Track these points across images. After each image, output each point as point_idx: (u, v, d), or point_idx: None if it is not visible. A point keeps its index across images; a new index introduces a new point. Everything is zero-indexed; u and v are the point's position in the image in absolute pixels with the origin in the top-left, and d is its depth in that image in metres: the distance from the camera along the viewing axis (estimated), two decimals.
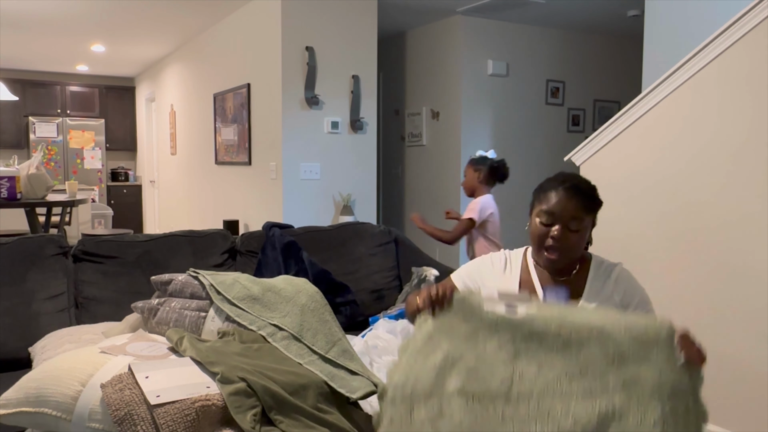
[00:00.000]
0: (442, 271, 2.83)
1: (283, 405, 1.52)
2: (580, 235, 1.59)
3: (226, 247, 2.74)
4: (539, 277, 1.68)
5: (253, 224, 5.32)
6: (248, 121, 5.29)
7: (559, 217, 1.58)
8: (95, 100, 9.40)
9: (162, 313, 1.95)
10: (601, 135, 3.11)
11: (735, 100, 2.55)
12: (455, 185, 5.81)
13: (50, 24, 6.12)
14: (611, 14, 5.62)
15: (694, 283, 2.72)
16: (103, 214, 7.33)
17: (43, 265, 2.39)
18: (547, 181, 1.66)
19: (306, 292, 2.02)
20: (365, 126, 5.03)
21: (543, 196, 1.63)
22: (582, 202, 1.59)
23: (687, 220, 2.75)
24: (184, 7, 5.49)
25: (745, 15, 2.47)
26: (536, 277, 1.68)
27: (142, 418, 1.40)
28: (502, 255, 1.78)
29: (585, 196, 1.61)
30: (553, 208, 1.58)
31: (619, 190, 3.05)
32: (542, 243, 1.60)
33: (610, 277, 1.64)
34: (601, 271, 1.66)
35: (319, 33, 4.79)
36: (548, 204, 1.60)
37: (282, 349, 1.80)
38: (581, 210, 1.58)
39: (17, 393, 1.52)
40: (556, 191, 1.60)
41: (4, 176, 4.53)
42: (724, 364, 2.58)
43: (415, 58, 6.31)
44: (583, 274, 1.66)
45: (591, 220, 1.63)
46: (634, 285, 1.63)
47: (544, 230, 1.60)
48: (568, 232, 1.58)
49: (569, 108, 6.39)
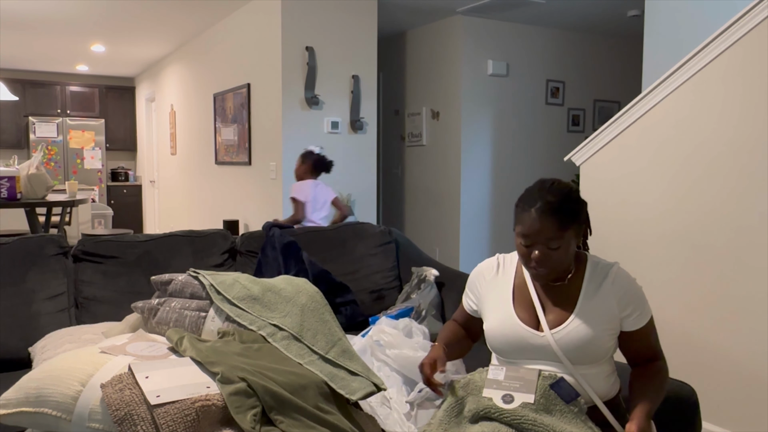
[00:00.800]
0: (442, 271, 2.83)
1: (284, 405, 1.52)
2: (563, 251, 1.56)
3: (226, 247, 2.74)
4: (534, 282, 1.68)
5: (253, 224, 5.32)
6: (248, 121, 5.29)
7: (536, 240, 1.55)
8: (95, 100, 9.40)
9: (162, 313, 1.95)
10: (601, 135, 3.11)
11: (735, 99, 2.55)
12: (455, 185, 5.81)
13: (50, 24, 6.12)
14: (611, 14, 5.62)
15: (693, 282, 2.72)
16: (103, 214, 7.33)
17: (43, 265, 2.39)
18: (522, 198, 1.62)
19: (306, 292, 2.02)
20: (365, 126, 5.03)
21: (519, 217, 1.60)
22: (557, 220, 1.54)
23: (686, 219, 2.75)
24: (184, 7, 5.49)
25: (745, 15, 2.47)
26: (530, 281, 1.68)
27: (142, 418, 1.40)
28: (495, 260, 1.78)
29: (560, 213, 1.55)
30: (528, 231, 1.55)
31: (618, 190, 3.05)
32: (527, 263, 1.60)
33: (606, 278, 1.62)
34: (597, 272, 1.64)
35: (319, 33, 4.79)
36: (523, 227, 1.57)
37: (282, 349, 1.79)
38: (557, 229, 1.54)
39: (17, 393, 1.52)
40: (528, 214, 1.56)
41: (4, 176, 4.53)
42: (724, 364, 2.58)
43: (415, 58, 6.31)
44: (579, 276, 1.65)
45: (574, 232, 1.58)
46: (631, 285, 1.62)
47: (525, 251, 1.58)
48: (549, 251, 1.55)
49: (569, 108, 6.39)
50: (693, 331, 2.73)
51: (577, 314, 1.59)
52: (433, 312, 2.64)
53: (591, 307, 1.60)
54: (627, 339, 1.63)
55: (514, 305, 1.65)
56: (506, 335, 1.63)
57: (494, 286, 1.72)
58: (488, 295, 1.72)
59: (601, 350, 1.58)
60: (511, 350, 1.63)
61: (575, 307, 1.60)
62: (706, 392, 2.63)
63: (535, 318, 1.62)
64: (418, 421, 1.82)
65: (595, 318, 1.58)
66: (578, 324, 1.57)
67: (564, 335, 1.57)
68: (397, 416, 1.82)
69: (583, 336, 1.56)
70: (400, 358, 1.98)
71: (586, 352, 1.56)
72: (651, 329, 1.63)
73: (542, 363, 1.59)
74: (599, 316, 1.58)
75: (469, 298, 1.80)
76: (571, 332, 1.57)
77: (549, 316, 1.61)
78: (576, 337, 1.56)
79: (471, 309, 1.79)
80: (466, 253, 5.83)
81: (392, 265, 3.00)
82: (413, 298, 2.69)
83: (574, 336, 1.56)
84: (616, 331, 1.60)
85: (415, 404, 1.86)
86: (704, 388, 2.63)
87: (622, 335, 1.62)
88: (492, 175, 5.96)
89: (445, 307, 2.71)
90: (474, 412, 1.52)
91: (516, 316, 1.63)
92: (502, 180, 5.99)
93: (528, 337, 1.60)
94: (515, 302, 1.66)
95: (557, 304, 1.62)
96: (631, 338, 1.62)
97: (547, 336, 1.57)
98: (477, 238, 5.91)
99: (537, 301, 1.64)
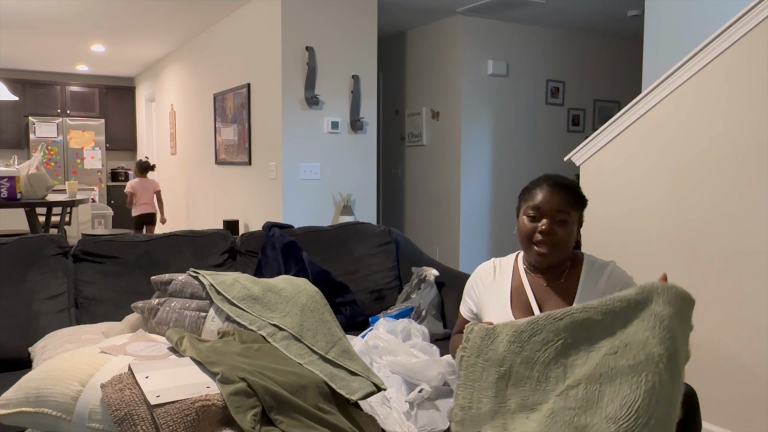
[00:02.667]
0: (442, 271, 2.83)
1: (284, 405, 1.52)
2: (568, 230, 1.62)
3: (226, 247, 2.74)
4: (531, 283, 1.68)
5: (253, 224, 5.32)
6: (248, 121, 5.29)
7: (546, 211, 1.61)
8: (95, 100, 9.40)
9: (162, 313, 1.95)
10: (601, 135, 3.11)
11: (735, 99, 2.55)
12: (455, 185, 5.81)
13: (50, 24, 6.12)
14: (611, 14, 5.62)
15: (694, 282, 2.72)
16: (103, 214, 7.33)
17: (43, 265, 2.39)
18: (531, 183, 1.71)
19: (306, 292, 2.02)
20: (365, 126, 5.03)
21: (528, 195, 1.67)
22: (567, 196, 1.63)
23: (687, 219, 2.75)
24: (184, 7, 5.49)
25: (745, 15, 2.47)
26: (527, 283, 1.68)
27: (142, 418, 1.40)
28: (491, 264, 1.79)
29: (570, 191, 1.65)
30: (539, 203, 1.62)
31: (619, 190, 3.05)
32: (531, 238, 1.63)
33: (602, 277, 1.63)
34: (594, 271, 1.65)
35: (319, 33, 4.78)
36: (534, 200, 1.64)
37: (282, 350, 1.79)
38: (567, 204, 1.62)
39: (17, 393, 1.52)
40: (540, 188, 1.65)
41: (4, 176, 4.53)
42: (725, 364, 2.58)
43: (415, 58, 6.31)
44: (576, 275, 1.65)
45: (577, 216, 1.65)
46: (627, 283, 1.62)
47: (531, 226, 1.63)
48: (555, 226, 1.61)
49: (569, 108, 6.39)
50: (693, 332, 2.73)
51: None
52: (433, 312, 2.64)
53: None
54: None
55: (512, 308, 1.65)
56: None
57: (492, 290, 1.72)
58: (487, 299, 1.72)
59: None
60: None
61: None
62: (706, 392, 2.63)
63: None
64: (418, 421, 1.82)
65: None
66: None
67: None
68: (397, 416, 1.82)
69: None
70: (395, 365, 1.98)
71: None
72: None
73: None
74: None
75: (467, 305, 1.81)
76: None
77: None
78: None
79: (471, 314, 1.79)
80: (466, 253, 5.83)
81: (392, 265, 3.00)
82: (413, 298, 2.69)
83: None
84: None
85: (415, 404, 1.87)
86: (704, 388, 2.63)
87: None
88: (492, 175, 5.95)
89: (445, 307, 2.71)
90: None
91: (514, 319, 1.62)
92: (502, 180, 5.99)
93: None
94: (513, 305, 1.66)
95: (555, 305, 1.62)
96: None
97: None
98: (477, 238, 5.91)
99: (534, 303, 1.63)
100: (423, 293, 2.69)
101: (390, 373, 1.99)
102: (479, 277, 1.78)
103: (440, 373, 1.92)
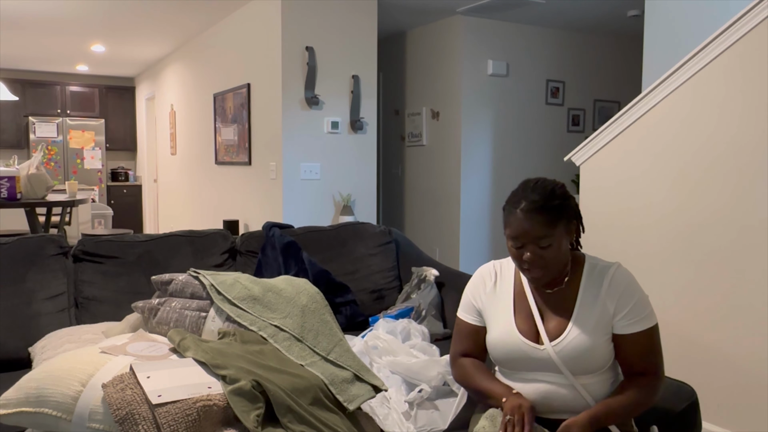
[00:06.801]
0: (442, 271, 2.83)
1: (286, 406, 1.52)
2: (555, 249, 1.53)
3: (226, 247, 2.74)
4: (532, 290, 1.65)
5: (253, 224, 5.32)
6: (248, 121, 5.29)
7: (526, 240, 1.53)
8: (95, 100, 9.40)
9: (162, 313, 1.95)
10: (601, 135, 3.12)
11: (735, 100, 2.55)
12: (455, 185, 5.82)
13: (50, 24, 6.12)
14: (611, 14, 5.62)
15: (694, 282, 2.72)
16: (103, 214, 7.33)
17: (43, 265, 2.39)
18: (508, 201, 1.60)
19: (306, 293, 2.02)
20: (365, 126, 5.03)
21: (506, 220, 1.58)
22: (543, 218, 1.51)
23: (687, 218, 2.75)
24: (184, 7, 5.49)
25: (745, 15, 2.47)
26: (529, 290, 1.66)
27: (143, 417, 1.40)
28: (492, 269, 1.73)
29: (546, 210, 1.52)
30: (516, 232, 1.54)
31: (619, 190, 3.05)
32: (520, 265, 1.57)
33: (603, 282, 1.58)
34: (595, 276, 1.60)
35: (319, 33, 4.79)
36: (511, 229, 1.55)
37: (284, 351, 1.79)
38: (545, 227, 1.51)
39: (17, 393, 1.52)
40: (515, 215, 1.55)
41: (4, 176, 4.53)
42: (724, 364, 2.58)
43: (415, 58, 6.31)
44: (577, 281, 1.61)
45: (564, 226, 1.55)
46: (631, 287, 1.57)
47: (517, 253, 1.56)
48: (540, 251, 1.53)
49: (569, 108, 6.39)
50: (693, 332, 2.73)
51: (575, 322, 1.55)
52: (433, 312, 2.64)
53: (589, 313, 1.56)
54: (618, 343, 1.56)
55: (515, 316, 1.62)
56: (507, 349, 1.60)
57: (494, 298, 1.68)
58: (490, 306, 1.68)
59: (602, 359, 1.55)
60: (512, 362, 1.61)
61: (572, 315, 1.56)
62: (706, 392, 2.63)
63: (535, 329, 1.59)
64: (418, 421, 1.82)
65: (594, 325, 1.54)
66: (576, 334, 1.54)
67: (563, 347, 1.54)
68: (396, 416, 1.82)
69: (582, 347, 1.52)
70: (395, 365, 1.98)
71: (586, 362, 1.53)
72: (648, 339, 1.55)
73: (543, 374, 1.57)
74: (597, 322, 1.55)
75: (471, 312, 1.73)
76: (571, 343, 1.53)
77: (549, 324, 1.58)
78: (575, 349, 1.53)
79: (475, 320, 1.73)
80: (466, 253, 5.83)
81: (392, 265, 3.00)
82: (413, 298, 2.69)
83: (574, 346, 1.53)
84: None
85: (415, 404, 1.86)
86: (704, 388, 2.63)
87: (614, 338, 1.56)
88: (492, 175, 5.96)
89: (445, 307, 2.71)
90: None
91: (516, 329, 1.60)
92: (502, 180, 5.99)
93: (529, 351, 1.57)
94: (516, 312, 1.63)
95: (557, 311, 1.59)
96: (623, 343, 1.55)
97: (548, 349, 1.55)
98: (477, 238, 5.91)
99: (536, 311, 1.61)
100: (423, 293, 2.69)
101: (390, 373, 1.99)
102: (482, 284, 1.72)
103: (440, 373, 1.92)
